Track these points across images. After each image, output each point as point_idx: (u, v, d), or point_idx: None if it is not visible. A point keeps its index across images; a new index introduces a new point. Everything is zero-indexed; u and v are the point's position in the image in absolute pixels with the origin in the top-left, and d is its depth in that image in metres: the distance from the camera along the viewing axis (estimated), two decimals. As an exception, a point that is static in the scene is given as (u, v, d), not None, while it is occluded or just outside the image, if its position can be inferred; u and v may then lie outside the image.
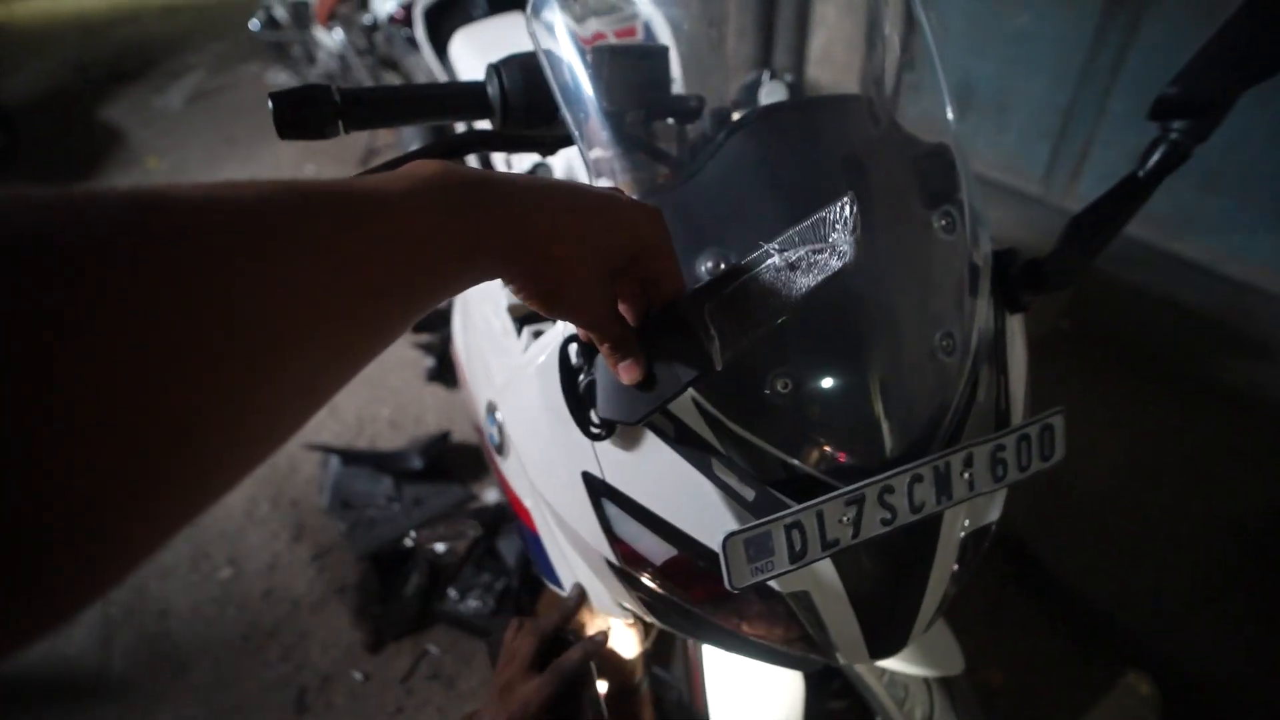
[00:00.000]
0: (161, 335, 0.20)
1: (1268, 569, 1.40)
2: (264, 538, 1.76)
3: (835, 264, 0.38)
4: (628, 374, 0.43)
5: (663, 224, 0.41)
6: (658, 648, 1.12)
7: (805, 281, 0.39)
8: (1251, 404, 1.62)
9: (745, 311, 0.40)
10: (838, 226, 0.39)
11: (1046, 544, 1.50)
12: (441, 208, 0.31)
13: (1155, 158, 0.53)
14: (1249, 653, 1.29)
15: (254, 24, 3.96)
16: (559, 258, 0.36)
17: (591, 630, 0.69)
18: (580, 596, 0.68)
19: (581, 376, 0.50)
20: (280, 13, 3.82)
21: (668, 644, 0.88)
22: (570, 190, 0.38)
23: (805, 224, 0.40)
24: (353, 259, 0.27)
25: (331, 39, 3.18)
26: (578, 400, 0.51)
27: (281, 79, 4.65)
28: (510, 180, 0.35)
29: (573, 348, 0.51)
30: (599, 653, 0.65)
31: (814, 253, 0.39)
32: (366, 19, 2.71)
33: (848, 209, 0.39)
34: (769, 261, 0.40)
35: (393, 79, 2.78)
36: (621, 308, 0.43)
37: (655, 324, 0.43)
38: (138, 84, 4.97)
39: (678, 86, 0.78)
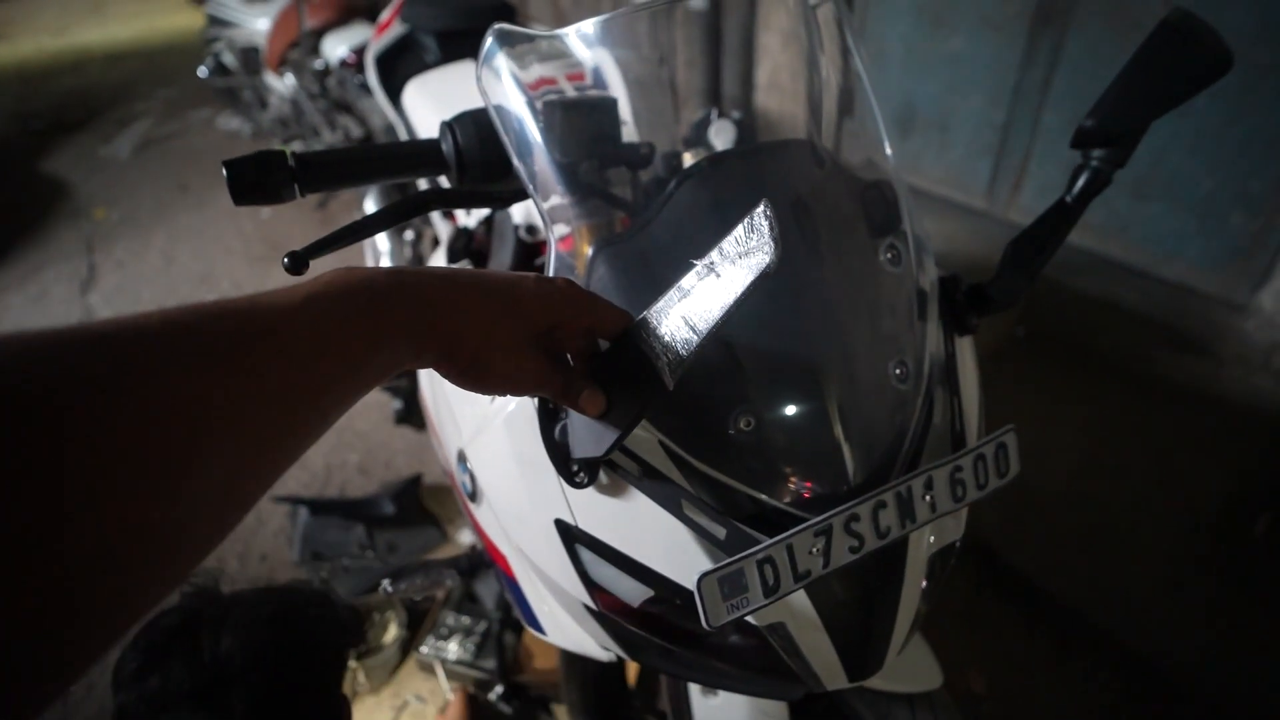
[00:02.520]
0: (64, 476, 0.21)
1: (1228, 556, 1.46)
2: (233, 596, 1.70)
3: (761, 266, 0.41)
4: (591, 407, 0.45)
5: (575, 289, 0.44)
6: (643, 683, 1.11)
7: (737, 288, 0.41)
8: (1194, 397, 1.70)
9: (687, 327, 0.43)
10: (758, 233, 0.41)
11: (1016, 547, 1.53)
12: (341, 309, 0.33)
13: (1080, 184, 0.56)
14: (1216, 640, 1.34)
15: (202, 71, 3.91)
16: (471, 344, 0.39)
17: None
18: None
19: (559, 426, 0.51)
20: (229, 59, 3.79)
21: (653, 680, 0.88)
22: (475, 279, 0.40)
23: (729, 237, 0.42)
24: (250, 372, 0.28)
25: (283, 84, 3.17)
26: (557, 449, 0.51)
27: (234, 124, 4.60)
28: (416, 275, 0.38)
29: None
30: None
31: (741, 260, 0.42)
32: (318, 64, 2.70)
33: (764, 216, 0.41)
34: (702, 278, 0.43)
35: (348, 122, 2.77)
36: (570, 356, 0.46)
37: (607, 359, 0.46)
38: (83, 134, 4.87)
39: (629, 129, 0.80)
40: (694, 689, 0.74)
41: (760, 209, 0.41)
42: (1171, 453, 1.63)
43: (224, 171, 0.52)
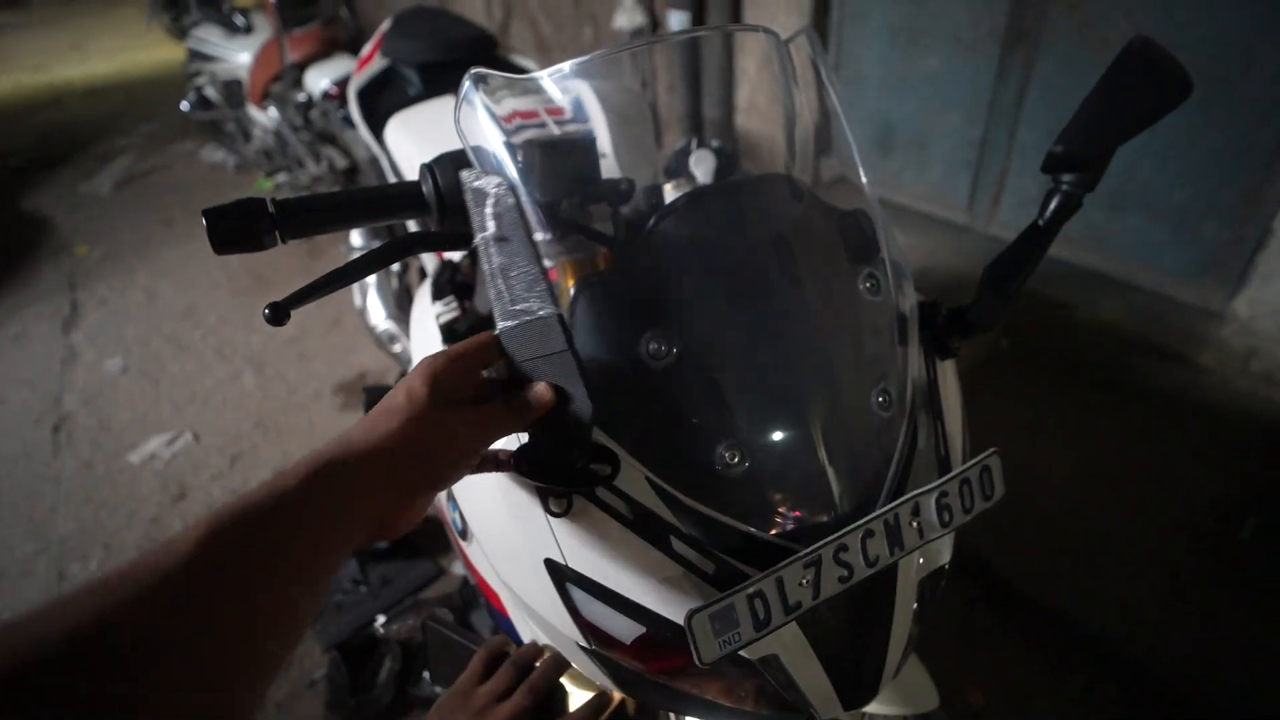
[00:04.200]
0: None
1: (1218, 558, 1.47)
2: (221, 637, 1.67)
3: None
4: (542, 400, 0.47)
5: (430, 371, 0.45)
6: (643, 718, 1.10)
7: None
8: (1177, 404, 1.72)
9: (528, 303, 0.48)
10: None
11: (1008, 560, 1.53)
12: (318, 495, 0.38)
13: (1052, 207, 0.58)
14: (1212, 645, 1.34)
15: (185, 105, 3.92)
16: (400, 473, 0.42)
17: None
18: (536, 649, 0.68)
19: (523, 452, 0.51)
20: (212, 93, 3.80)
21: (652, 716, 0.87)
22: (372, 421, 0.43)
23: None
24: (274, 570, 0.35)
25: (266, 117, 3.18)
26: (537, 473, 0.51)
27: (218, 157, 4.60)
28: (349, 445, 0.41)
29: (524, 439, 0.52)
30: (566, 667, 0.66)
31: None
32: (301, 96, 2.72)
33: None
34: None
35: (332, 154, 2.78)
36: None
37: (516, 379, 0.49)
38: (63, 170, 4.84)
39: (609, 162, 0.81)
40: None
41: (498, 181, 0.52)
42: (1159, 459, 1.64)
43: (204, 221, 0.52)
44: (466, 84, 0.59)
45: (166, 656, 0.30)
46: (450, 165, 0.59)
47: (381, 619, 1.55)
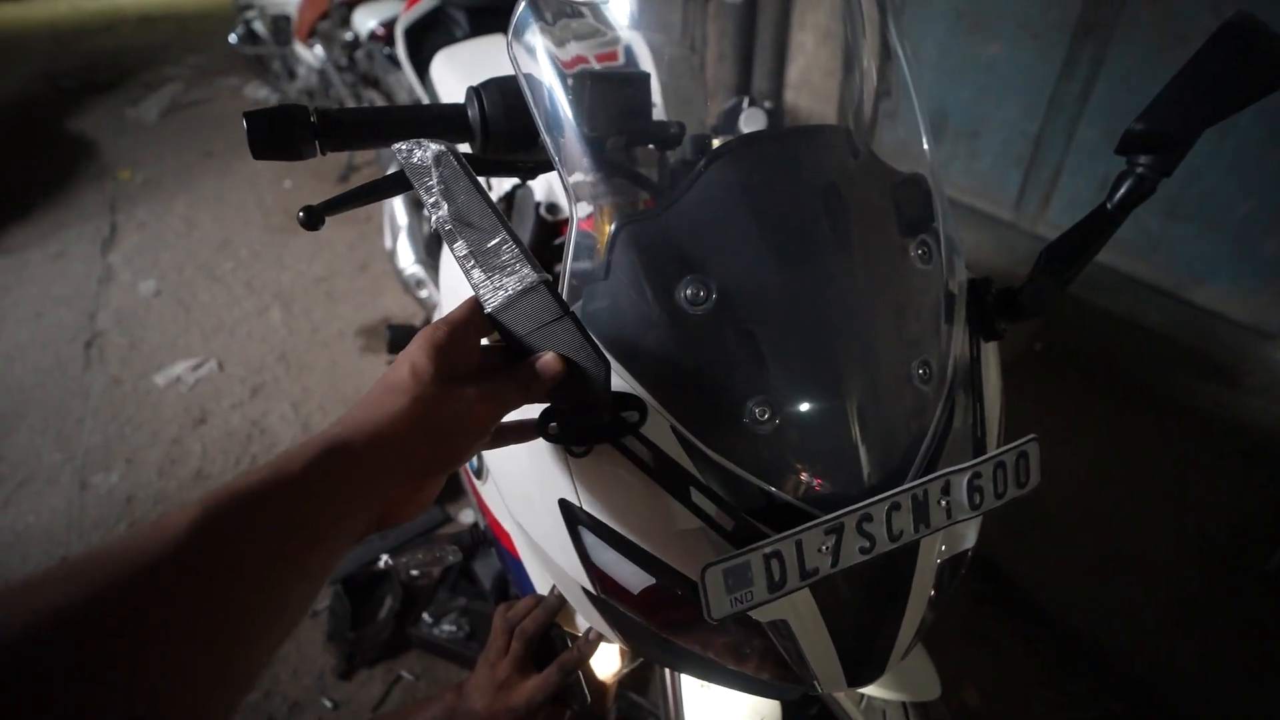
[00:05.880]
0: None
1: (1237, 588, 1.43)
2: (232, 560, 1.71)
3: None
4: (551, 370, 0.44)
5: (432, 343, 0.42)
6: (636, 674, 1.10)
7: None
8: (1215, 424, 1.66)
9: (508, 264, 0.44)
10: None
11: (1020, 563, 1.51)
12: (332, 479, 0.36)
13: (1123, 190, 0.54)
14: (1218, 669, 1.31)
15: (233, 37, 3.93)
16: (410, 454, 0.39)
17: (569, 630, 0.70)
18: (560, 599, 0.68)
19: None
20: (260, 27, 3.80)
21: (646, 671, 0.87)
22: (377, 399, 0.40)
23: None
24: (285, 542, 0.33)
25: (312, 55, 3.17)
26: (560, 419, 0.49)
27: (261, 94, 4.62)
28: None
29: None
30: (592, 651, 0.67)
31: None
32: (348, 36, 2.70)
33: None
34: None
35: (374, 96, 2.77)
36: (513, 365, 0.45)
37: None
38: (111, 95, 4.90)
39: (659, 112, 0.79)
40: (688, 683, 0.73)
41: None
42: (1186, 479, 1.60)
43: (244, 123, 0.50)
44: (521, 8, 0.57)
45: (146, 646, 0.27)
46: (498, 91, 0.57)
47: (386, 558, 1.57)
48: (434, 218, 0.46)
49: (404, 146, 0.47)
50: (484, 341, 0.46)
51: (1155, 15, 1.68)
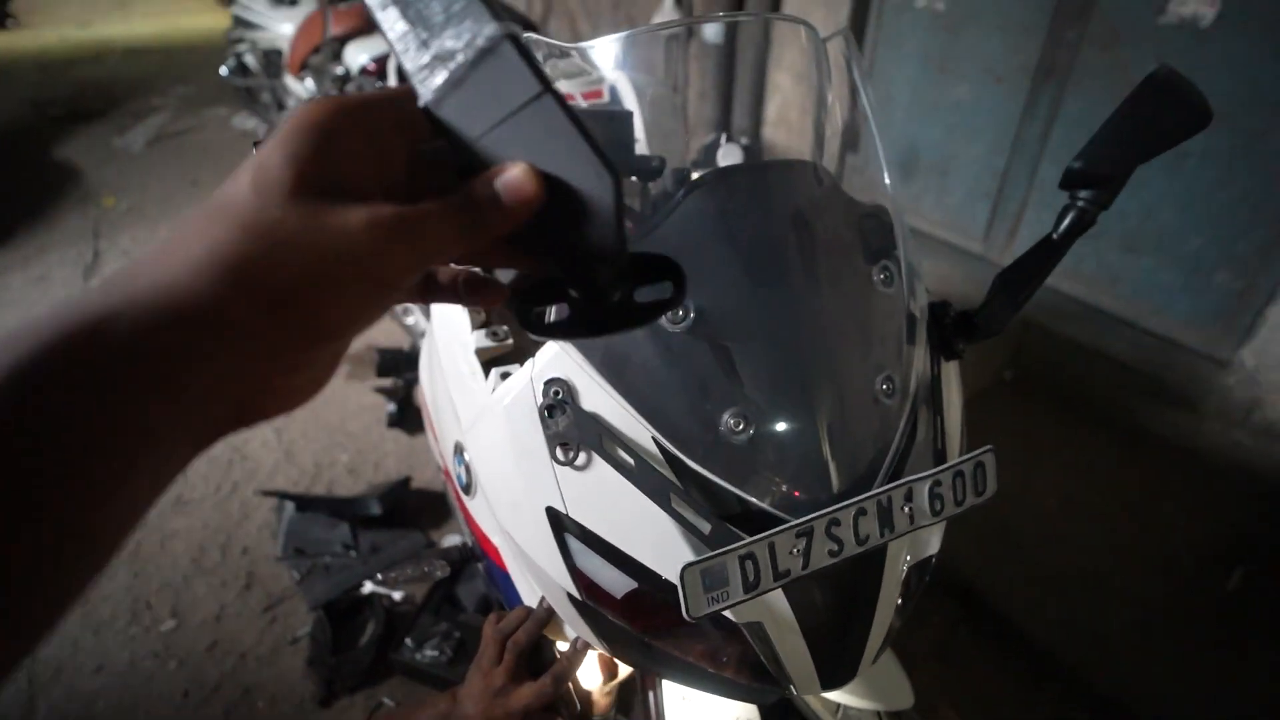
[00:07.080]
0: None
1: (1198, 605, 1.47)
2: (212, 587, 1.69)
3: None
4: (519, 193, 0.27)
5: (301, 130, 0.26)
6: (618, 696, 1.11)
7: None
8: (1176, 449, 1.73)
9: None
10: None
11: (992, 586, 1.54)
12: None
13: (1066, 222, 0.60)
14: (1183, 685, 1.34)
15: (224, 70, 3.98)
16: (246, 328, 0.24)
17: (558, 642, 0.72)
18: (549, 611, 0.70)
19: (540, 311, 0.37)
20: (251, 60, 3.86)
21: (628, 694, 0.88)
22: (185, 239, 0.24)
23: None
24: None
25: (303, 88, 3.23)
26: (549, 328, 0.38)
27: (250, 124, 4.66)
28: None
29: (538, 387, 0.54)
30: (580, 660, 0.69)
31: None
32: (339, 70, 2.76)
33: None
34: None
35: (362, 128, 2.81)
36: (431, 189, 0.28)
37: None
38: (98, 123, 4.92)
39: (641, 147, 0.84)
40: (668, 690, 0.75)
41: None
42: (1150, 501, 1.65)
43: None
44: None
45: None
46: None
47: (378, 578, 1.56)
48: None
49: None
50: (423, 148, 0.29)
51: (1107, 62, 1.79)
